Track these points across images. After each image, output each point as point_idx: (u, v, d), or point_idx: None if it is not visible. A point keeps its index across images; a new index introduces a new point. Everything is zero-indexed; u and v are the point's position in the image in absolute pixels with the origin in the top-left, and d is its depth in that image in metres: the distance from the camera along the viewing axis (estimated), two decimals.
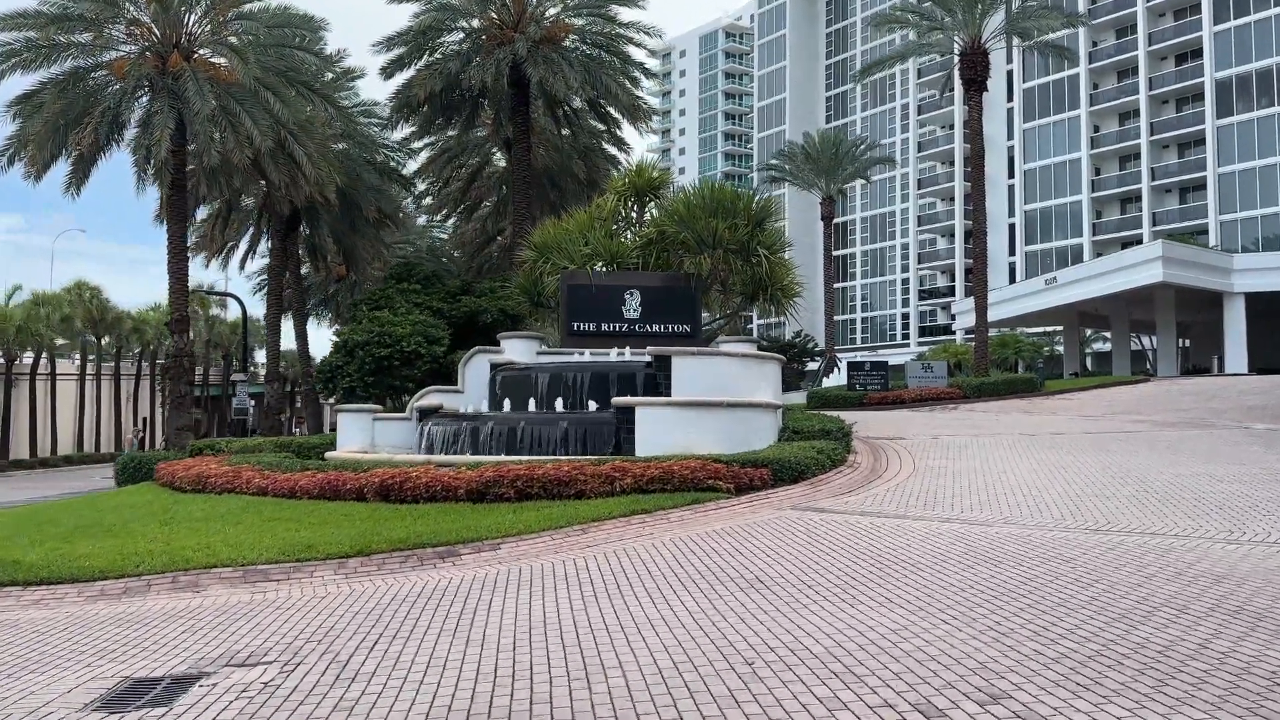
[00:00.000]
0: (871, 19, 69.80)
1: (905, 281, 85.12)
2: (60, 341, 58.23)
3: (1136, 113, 66.98)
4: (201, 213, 39.07)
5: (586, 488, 12.05)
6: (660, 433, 15.10)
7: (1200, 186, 63.01)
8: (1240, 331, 42.22)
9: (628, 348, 19.03)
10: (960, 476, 13.80)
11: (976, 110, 33.99)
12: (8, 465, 46.81)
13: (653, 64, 32.89)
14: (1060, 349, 59.56)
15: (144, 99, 25.00)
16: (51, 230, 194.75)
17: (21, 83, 28.01)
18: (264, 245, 40.27)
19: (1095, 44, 69.60)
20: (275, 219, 36.15)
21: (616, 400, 15.48)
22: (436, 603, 7.72)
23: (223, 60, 25.38)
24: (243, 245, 42.87)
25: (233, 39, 24.89)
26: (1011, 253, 77.70)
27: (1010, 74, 73.68)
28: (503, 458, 14.78)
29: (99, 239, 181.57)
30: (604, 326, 20.98)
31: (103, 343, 57.33)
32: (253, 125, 23.75)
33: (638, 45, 32.38)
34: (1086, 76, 69.25)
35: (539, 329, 26.20)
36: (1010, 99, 76.82)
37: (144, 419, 60.04)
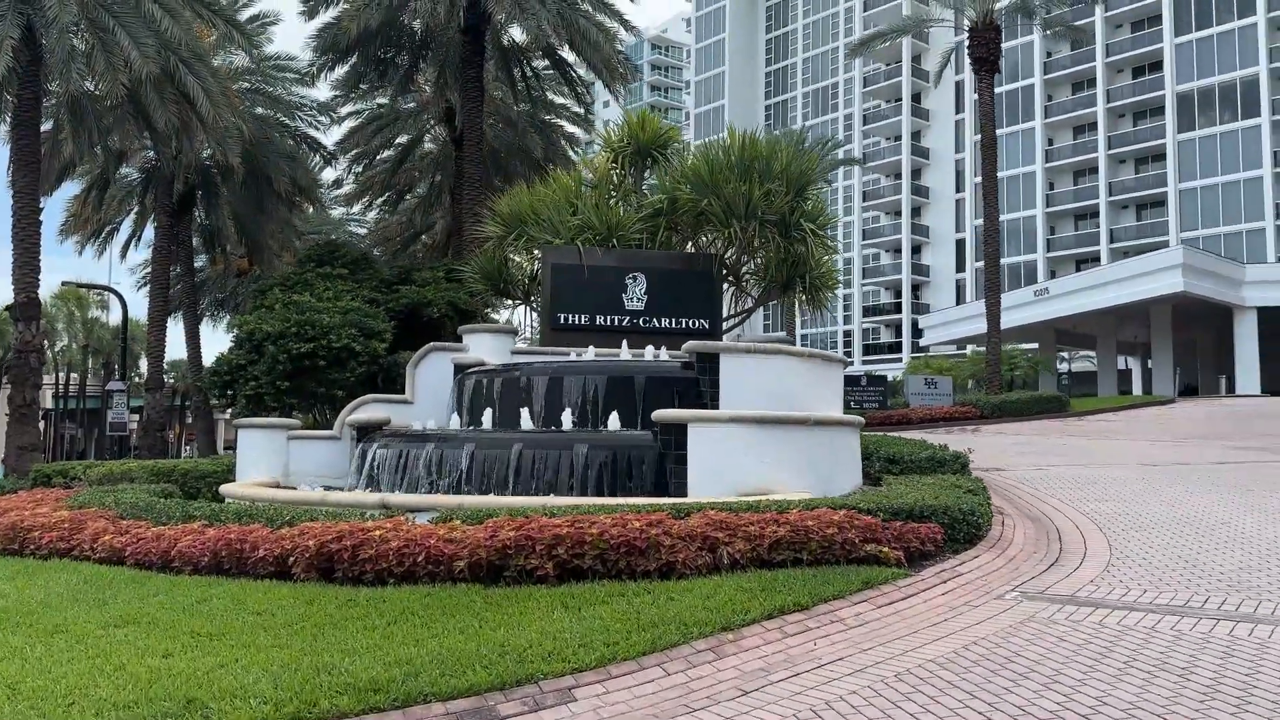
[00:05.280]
0: None
1: (847, 298, 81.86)
2: None
3: (1093, 126, 64.91)
4: (75, 188, 32.43)
5: (677, 559, 7.19)
6: (719, 460, 10.54)
7: (1159, 202, 61.02)
8: (1252, 350, 38.94)
9: (650, 347, 14.28)
10: (1182, 530, 9.40)
11: (988, 93, 30.06)
12: None
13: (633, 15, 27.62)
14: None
15: None
16: None
17: None
18: (151, 230, 33.64)
19: (1050, 54, 67.61)
20: (163, 189, 29.73)
21: (660, 414, 10.72)
22: None
23: None
24: (125, 229, 36.16)
25: None
26: (960, 269, 75.44)
27: (959, 84, 71.37)
28: (493, 499, 9.90)
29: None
30: (599, 319, 16.41)
31: None
32: (131, 44, 17.86)
33: None
34: (1041, 88, 67.06)
35: (500, 325, 21.24)
36: (959, 110, 74.66)
37: None
